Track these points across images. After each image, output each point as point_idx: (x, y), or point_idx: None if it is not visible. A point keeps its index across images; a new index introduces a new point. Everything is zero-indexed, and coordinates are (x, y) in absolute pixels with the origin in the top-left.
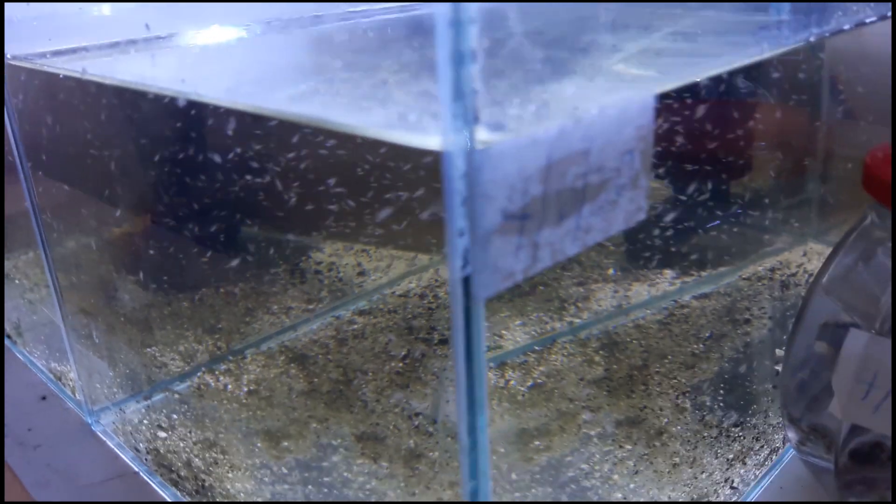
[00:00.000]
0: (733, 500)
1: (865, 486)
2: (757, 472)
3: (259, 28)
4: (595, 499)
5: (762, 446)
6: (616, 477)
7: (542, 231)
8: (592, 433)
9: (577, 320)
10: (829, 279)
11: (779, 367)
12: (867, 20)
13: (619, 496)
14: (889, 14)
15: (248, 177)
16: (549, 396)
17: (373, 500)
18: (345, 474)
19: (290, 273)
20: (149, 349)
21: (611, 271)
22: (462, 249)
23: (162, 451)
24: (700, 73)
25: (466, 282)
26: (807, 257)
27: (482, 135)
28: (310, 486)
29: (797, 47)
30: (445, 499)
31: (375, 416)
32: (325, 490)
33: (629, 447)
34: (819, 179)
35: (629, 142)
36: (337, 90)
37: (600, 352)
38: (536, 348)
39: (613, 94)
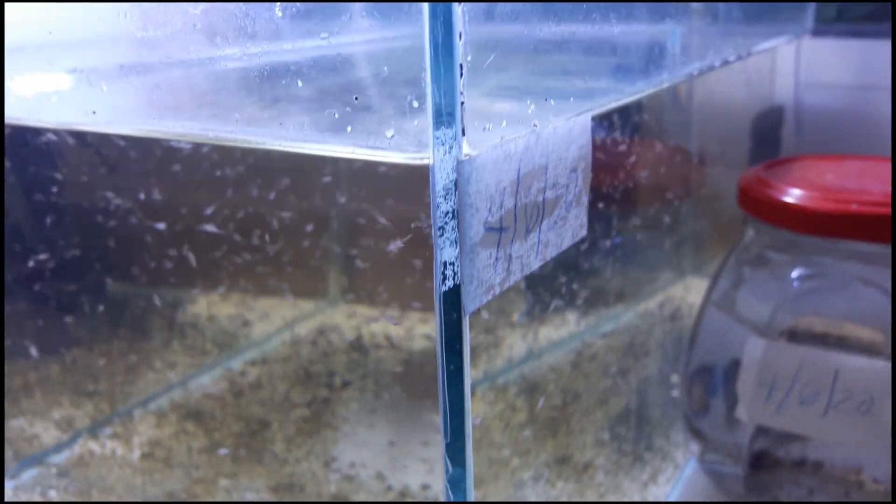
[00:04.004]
0: None
1: (772, 484)
2: (666, 489)
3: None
4: None
5: (668, 464)
6: None
7: (514, 244)
8: (525, 476)
9: (493, 367)
10: (718, 294)
11: (675, 392)
12: (729, 59)
13: None
14: (746, 54)
15: (106, 227)
16: (478, 446)
17: None
18: None
19: (168, 327)
20: (15, 421)
21: (516, 317)
22: (452, 262)
23: None
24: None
25: (455, 294)
26: (687, 290)
27: (465, 147)
28: None
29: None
30: None
31: (289, 465)
32: None
33: (561, 485)
34: (692, 217)
35: (574, 160)
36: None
37: (521, 396)
38: None
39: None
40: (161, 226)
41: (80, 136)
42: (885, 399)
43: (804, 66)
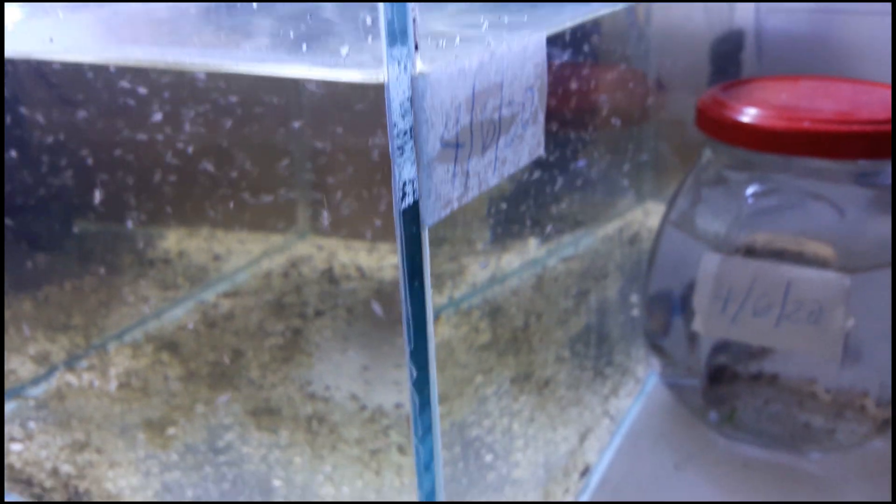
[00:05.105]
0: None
1: (730, 396)
2: (628, 401)
3: None
4: (499, 449)
5: (629, 378)
6: (515, 426)
7: (471, 160)
8: (489, 392)
9: (457, 293)
10: (676, 214)
11: (635, 312)
12: None
13: (520, 443)
14: None
15: (70, 164)
16: (442, 366)
17: (279, 471)
18: (243, 450)
19: (139, 263)
20: None
21: (480, 245)
22: (411, 179)
23: (18, 466)
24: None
25: (415, 210)
26: (646, 215)
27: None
28: (207, 468)
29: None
30: (355, 454)
31: (265, 391)
32: (225, 469)
33: (523, 399)
34: (652, 142)
35: (530, 78)
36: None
37: (484, 319)
38: None
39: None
40: (125, 160)
41: (37, 68)
42: (834, 308)
43: None
